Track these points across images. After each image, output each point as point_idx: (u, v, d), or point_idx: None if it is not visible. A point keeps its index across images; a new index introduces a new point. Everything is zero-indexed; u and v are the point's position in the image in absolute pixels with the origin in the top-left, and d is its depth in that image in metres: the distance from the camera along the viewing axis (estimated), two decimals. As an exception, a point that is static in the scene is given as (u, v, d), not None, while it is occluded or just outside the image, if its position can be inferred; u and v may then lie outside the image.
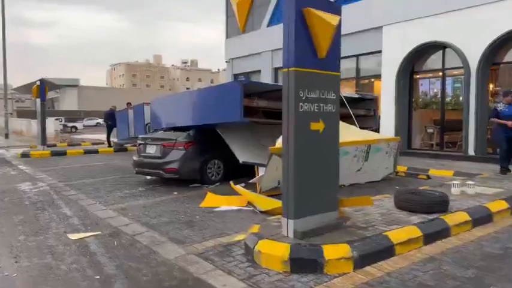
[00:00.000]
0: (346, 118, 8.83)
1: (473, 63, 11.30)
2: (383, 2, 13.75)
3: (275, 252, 4.06)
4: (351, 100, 9.24)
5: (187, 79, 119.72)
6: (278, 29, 18.69)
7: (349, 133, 8.45)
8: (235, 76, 20.95)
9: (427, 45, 12.46)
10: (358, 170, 8.29)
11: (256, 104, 7.83)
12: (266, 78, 18.12)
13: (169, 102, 9.44)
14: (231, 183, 7.47)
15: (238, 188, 7.21)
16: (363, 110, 9.41)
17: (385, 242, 4.39)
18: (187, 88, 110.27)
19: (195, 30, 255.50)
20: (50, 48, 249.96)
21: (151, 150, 8.79)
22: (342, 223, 4.88)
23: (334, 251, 3.99)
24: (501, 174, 8.69)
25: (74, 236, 5.31)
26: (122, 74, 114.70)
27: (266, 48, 18.46)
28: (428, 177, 9.01)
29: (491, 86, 11.86)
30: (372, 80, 15.10)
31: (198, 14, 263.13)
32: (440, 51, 12.56)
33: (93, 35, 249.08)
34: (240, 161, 7.93)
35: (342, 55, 14.61)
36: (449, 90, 12.94)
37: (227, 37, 21.34)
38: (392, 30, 13.36)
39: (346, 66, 15.52)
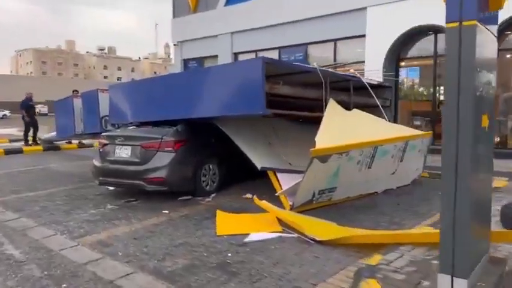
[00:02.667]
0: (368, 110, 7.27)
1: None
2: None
3: None
4: (364, 87, 7.68)
5: (105, 67, 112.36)
6: (238, 10, 17.16)
7: (384, 128, 6.90)
8: (185, 62, 18.55)
9: (418, 29, 11.32)
10: (393, 173, 6.77)
11: (278, 91, 5.90)
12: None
13: (145, 89, 7.11)
14: (255, 198, 5.52)
15: (269, 206, 5.30)
16: (380, 100, 7.93)
17: None
18: (105, 77, 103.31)
19: (112, 16, 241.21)
20: None
21: (124, 153, 6.47)
22: (502, 271, 3.23)
23: None
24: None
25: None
26: (29, 61, 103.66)
27: (224, 30, 16.36)
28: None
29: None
30: (350, 68, 13.76)
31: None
32: (432, 37, 11.50)
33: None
34: (259, 168, 5.99)
35: (317, 39, 13.11)
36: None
37: (174, 16, 18.79)
38: (378, 12, 12.05)
39: (320, 53, 14.04)
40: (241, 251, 4.28)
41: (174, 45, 18.73)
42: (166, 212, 5.87)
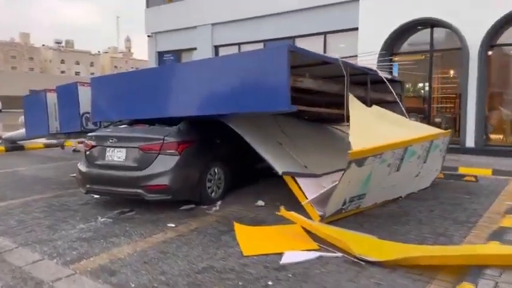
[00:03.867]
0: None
1: (474, 44, 10.00)
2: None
3: None
4: (377, 81, 7.08)
5: (62, 61, 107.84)
6: None
7: (409, 126, 6.34)
8: (160, 54, 17.45)
9: (416, 22, 10.89)
10: (416, 176, 6.21)
11: (300, 85, 5.15)
12: (204, 57, 15.09)
13: (139, 82, 6.14)
14: (282, 209, 4.76)
15: (301, 218, 4.56)
16: (391, 95, 7.36)
17: None
18: (62, 72, 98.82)
19: (70, 8, 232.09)
20: None
21: (118, 156, 5.54)
22: None
23: None
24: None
25: None
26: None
27: (204, 21, 15.43)
28: (476, 179, 7.33)
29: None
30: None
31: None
32: (428, 30, 11.10)
33: None
34: (279, 173, 5.23)
35: (305, 32, 12.44)
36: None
37: (148, 6, 17.62)
38: (371, 4, 11.53)
39: (309, 47, 13.31)
40: (283, 278, 3.54)
41: (148, 36, 17.56)
42: (172, 225, 5.01)
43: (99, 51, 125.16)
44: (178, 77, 5.67)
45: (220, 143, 6.15)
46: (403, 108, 6.73)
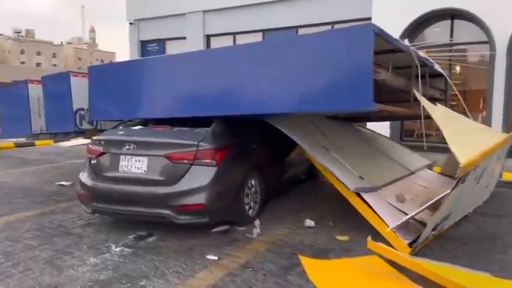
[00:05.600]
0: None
1: (502, 39, 9.24)
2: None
3: None
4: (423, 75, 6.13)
5: (22, 52, 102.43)
6: None
7: (482, 129, 5.42)
8: (143, 43, 15.96)
9: (436, 13, 10.06)
10: (486, 186, 5.32)
11: (379, 77, 4.07)
12: (194, 48, 13.79)
13: (159, 71, 4.87)
14: (369, 241, 3.67)
15: (395, 253, 3.52)
16: (438, 92, 6.44)
17: None
18: (22, 62, 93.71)
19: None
20: None
21: (137, 166, 4.30)
22: None
23: None
24: None
25: None
26: None
27: (194, 8, 14.09)
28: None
29: None
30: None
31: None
32: (448, 22, 10.30)
33: None
34: (351, 189, 4.17)
35: (309, 22, 11.29)
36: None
37: (130, -9, 16.07)
38: (386, -7, 10.62)
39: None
40: None
41: (130, 23, 16.00)
42: (214, 258, 3.86)
43: (61, 42, 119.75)
44: (212, 66, 4.46)
45: (256, 148, 5.04)
46: (465, 108, 5.80)
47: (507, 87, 9.34)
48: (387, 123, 10.26)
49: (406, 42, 4.77)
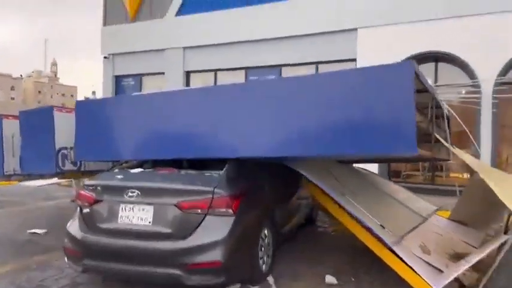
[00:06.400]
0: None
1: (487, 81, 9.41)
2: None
3: None
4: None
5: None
6: (194, 21, 14.46)
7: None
8: (118, 78, 15.36)
9: (423, 55, 10.17)
10: None
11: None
12: (173, 84, 13.36)
13: (163, 108, 4.34)
14: None
15: None
16: (442, 133, 6.24)
17: None
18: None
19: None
20: None
21: (141, 216, 3.70)
22: None
23: None
24: None
25: None
26: None
27: (174, 44, 13.75)
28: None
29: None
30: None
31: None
32: (432, 64, 10.44)
33: None
34: (390, 244, 3.72)
35: (293, 61, 11.12)
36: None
37: (105, 24, 15.55)
38: (371, 34, 10.71)
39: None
40: None
41: (105, 57, 15.42)
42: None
43: (21, 75, 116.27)
44: (229, 103, 4.01)
45: (267, 191, 4.56)
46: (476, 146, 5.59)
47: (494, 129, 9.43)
48: (375, 164, 10.06)
49: (430, 82, 4.54)
